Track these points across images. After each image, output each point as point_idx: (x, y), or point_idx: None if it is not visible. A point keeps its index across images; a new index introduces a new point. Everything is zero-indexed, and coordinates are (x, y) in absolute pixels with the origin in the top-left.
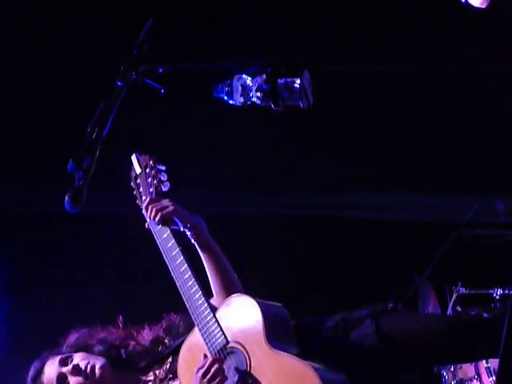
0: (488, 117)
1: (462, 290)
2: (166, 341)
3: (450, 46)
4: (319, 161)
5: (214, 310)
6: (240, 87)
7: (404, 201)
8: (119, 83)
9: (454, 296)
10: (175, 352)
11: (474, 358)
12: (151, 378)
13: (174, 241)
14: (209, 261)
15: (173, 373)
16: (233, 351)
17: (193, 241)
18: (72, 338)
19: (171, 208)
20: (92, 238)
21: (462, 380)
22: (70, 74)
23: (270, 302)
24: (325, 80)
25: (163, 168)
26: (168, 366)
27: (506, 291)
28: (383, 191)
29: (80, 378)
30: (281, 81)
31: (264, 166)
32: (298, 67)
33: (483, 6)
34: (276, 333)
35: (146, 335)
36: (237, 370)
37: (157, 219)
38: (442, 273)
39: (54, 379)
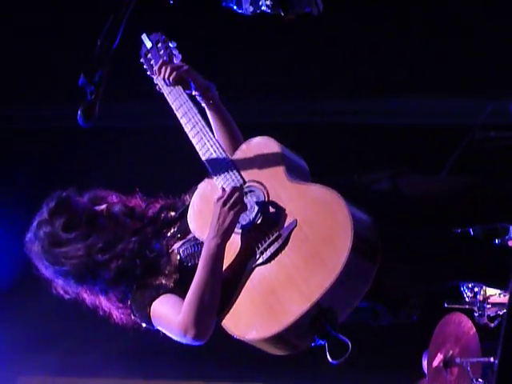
0: (502, 16)
1: None
2: (172, 213)
3: None
4: (328, 66)
5: (227, 153)
6: None
7: (416, 105)
8: None
9: None
10: (182, 215)
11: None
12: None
13: (185, 95)
14: (218, 121)
15: (181, 233)
16: (250, 190)
17: (203, 104)
18: (89, 194)
19: (186, 67)
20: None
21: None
22: None
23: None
24: None
25: (175, 44)
26: (176, 229)
27: None
28: (396, 96)
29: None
30: None
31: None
32: None
33: None
34: (295, 171)
35: (157, 204)
36: (256, 202)
37: (172, 78)
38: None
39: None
